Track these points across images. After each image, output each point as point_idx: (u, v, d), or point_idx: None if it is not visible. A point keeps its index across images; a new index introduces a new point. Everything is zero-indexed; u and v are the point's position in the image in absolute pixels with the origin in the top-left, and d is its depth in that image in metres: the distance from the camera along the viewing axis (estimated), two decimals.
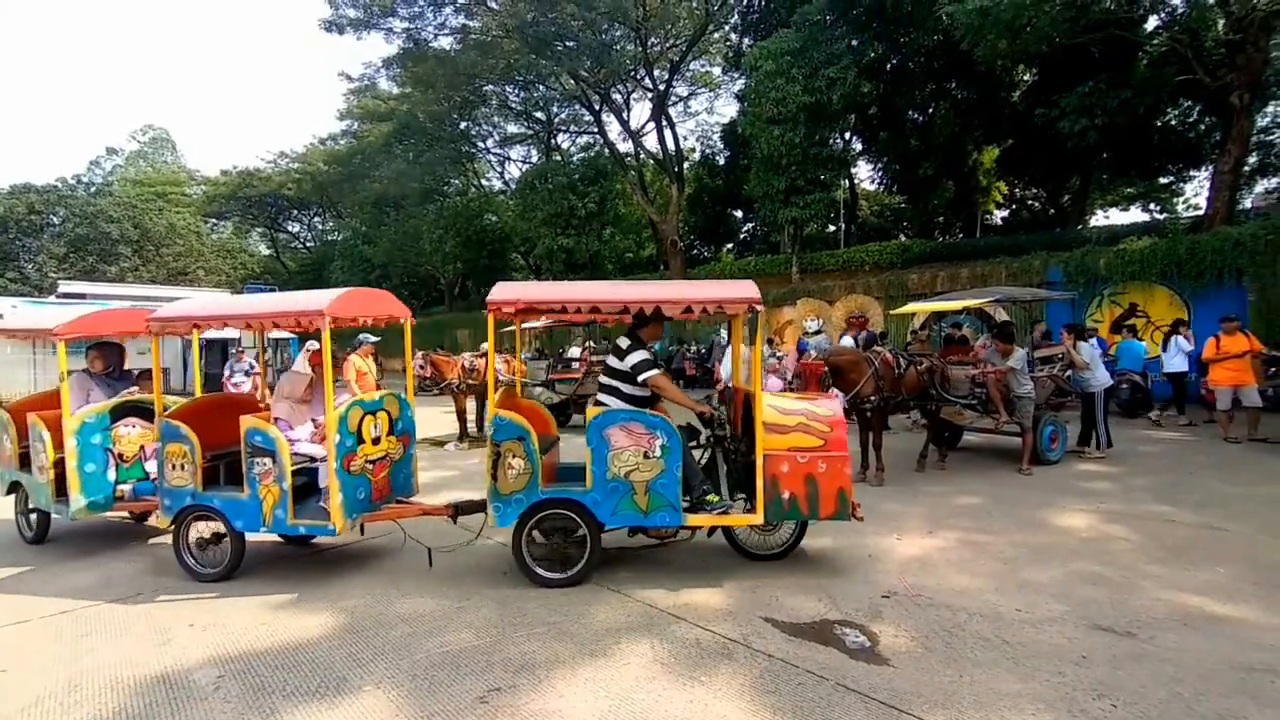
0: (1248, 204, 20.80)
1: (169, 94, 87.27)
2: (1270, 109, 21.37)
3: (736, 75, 24.85)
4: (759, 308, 3.91)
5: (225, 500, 4.19)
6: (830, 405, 4.21)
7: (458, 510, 4.45)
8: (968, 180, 23.36)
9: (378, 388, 9.09)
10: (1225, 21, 13.70)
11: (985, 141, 22.31)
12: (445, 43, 26.10)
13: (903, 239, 23.25)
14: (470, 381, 9.24)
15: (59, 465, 4.70)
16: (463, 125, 30.03)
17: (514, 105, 29.23)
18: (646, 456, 3.86)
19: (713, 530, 4.33)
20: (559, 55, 22.92)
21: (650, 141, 27.94)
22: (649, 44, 23.81)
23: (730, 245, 32.88)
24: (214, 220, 42.43)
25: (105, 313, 5.20)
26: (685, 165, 30.32)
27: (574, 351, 13.03)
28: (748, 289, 3.99)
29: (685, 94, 29.68)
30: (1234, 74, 13.35)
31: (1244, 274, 10.89)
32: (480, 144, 32.35)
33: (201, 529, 4.39)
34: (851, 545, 4.61)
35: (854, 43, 18.48)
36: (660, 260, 29.57)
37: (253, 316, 4.48)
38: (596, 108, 26.69)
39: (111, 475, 4.89)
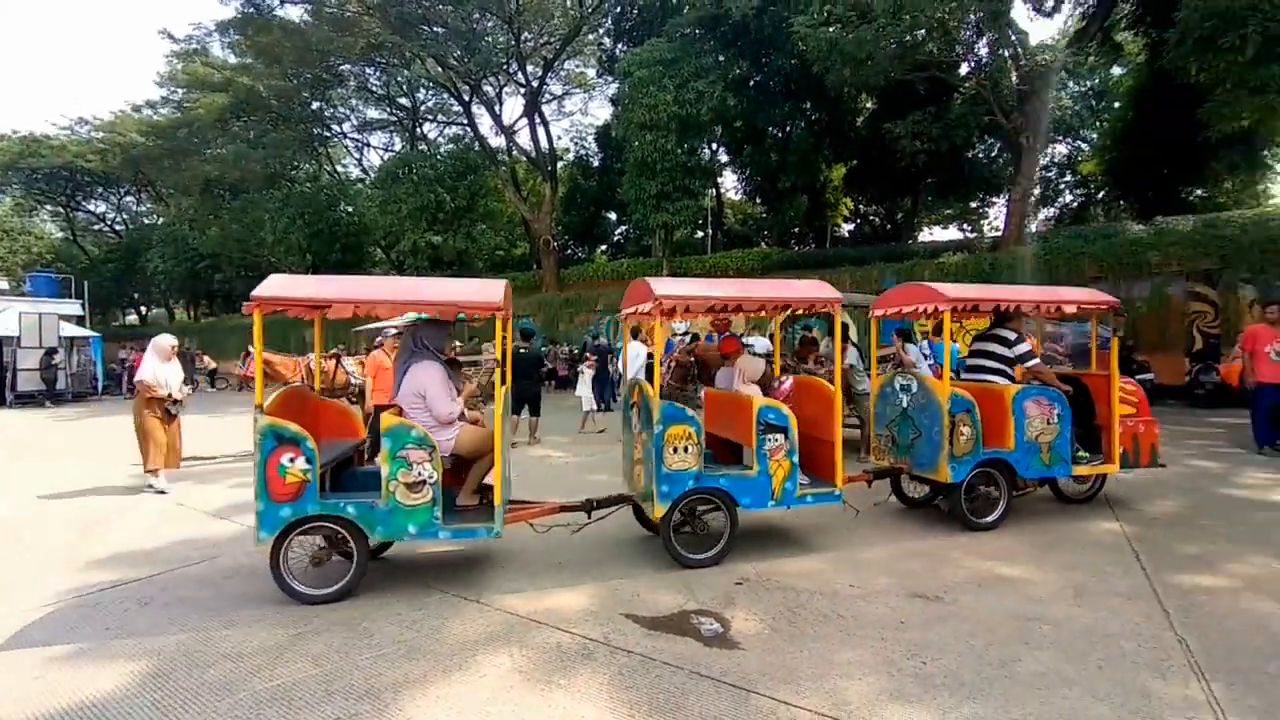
0: (1034, 228, 24.82)
1: None
2: (1051, 150, 25.67)
3: (610, 79, 25.18)
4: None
5: (732, 479, 4.22)
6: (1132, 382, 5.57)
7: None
8: (820, 195, 25.51)
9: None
10: (1016, 73, 16.20)
11: (835, 160, 24.50)
12: (294, 12, 23.78)
13: (764, 247, 24.85)
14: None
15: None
16: (315, 105, 27.52)
17: (375, 89, 27.33)
18: (1049, 423, 4.92)
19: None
20: (425, 40, 21.77)
21: (523, 138, 27.40)
22: (522, 38, 23.35)
23: (604, 247, 33.21)
24: None
25: None
26: (559, 164, 30.13)
27: None
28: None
29: (559, 92, 29.53)
30: (1023, 118, 15.82)
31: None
32: (335, 127, 29.86)
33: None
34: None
35: (721, 58, 19.47)
36: (533, 259, 29.15)
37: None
38: (467, 98, 25.70)
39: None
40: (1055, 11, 18.16)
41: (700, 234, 28.62)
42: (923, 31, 14.94)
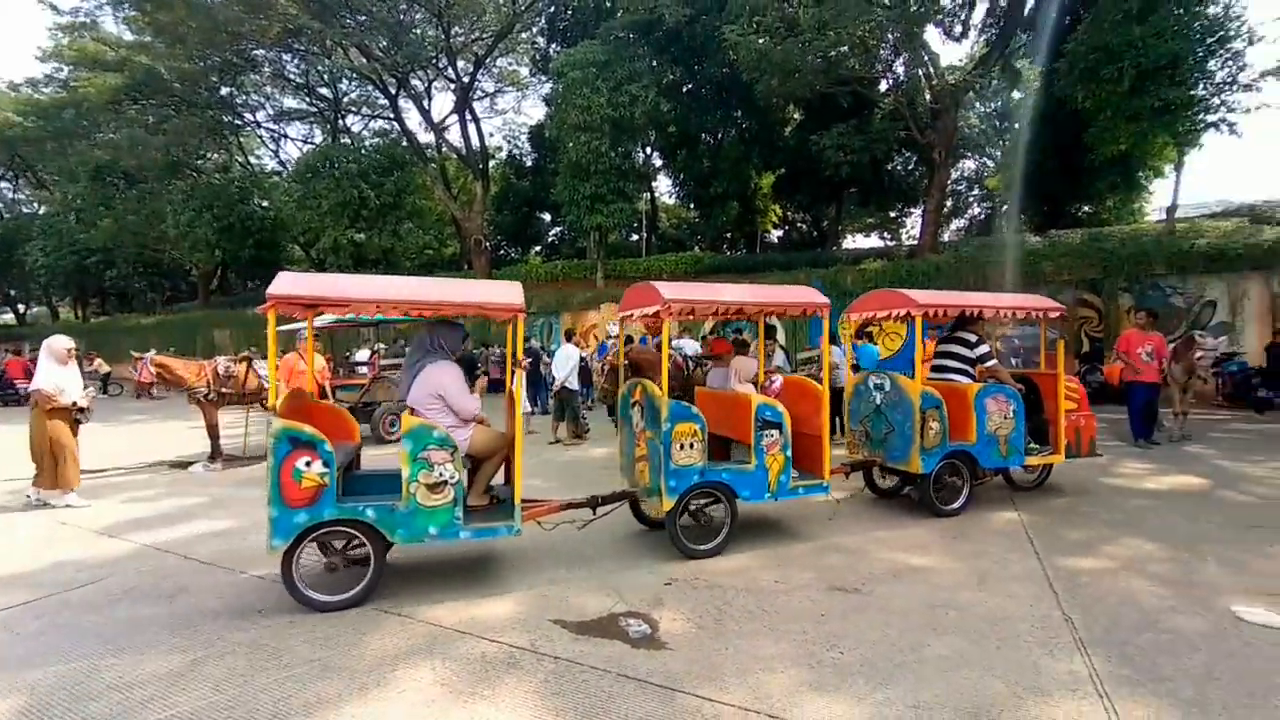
0: (946, 237, 26.49)
1: None
2: (961, 165, 27.48)
3: (544, 79, 24.95)
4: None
5: (733, 473, 4.38)
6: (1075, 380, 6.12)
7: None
8: (750, 201, 26.23)
9: (320, 385, 7.50)
10: (929, 91, 17.26)
11: (764, 168, 25.26)
12: None
13: (697, 251, 25.28)
14: (224, 390, 7.91)
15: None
16: (224, 91, 25.75)
17: (293, 76, 25.88)
18: (1005, 418, 5.38)
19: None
20: (348, 29, 20.82)
21: (454, 135, 26.66)
22: (452, 32, 22.76)
23: (538, 248, 32.83)
24: None
25: None
26: (491, 163, 29.57)
27: (362, 355, 11.88)
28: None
29: (492, 90, 28.98)
30: (935, 134, 16.87)
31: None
32: (248, 116, 28.03)
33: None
34: (640, 537, 4.84)
35: (654, 63, 19.68)
36: (464, 259, 28.43)
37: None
38: (393, 92, 24.78)
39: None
40: (963, 37, 19.50)
41: (635, 237, 28.81)
42: (846, 48, 15.67)
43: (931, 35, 18.69)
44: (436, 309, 3.81)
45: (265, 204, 27.74)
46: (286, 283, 3.63)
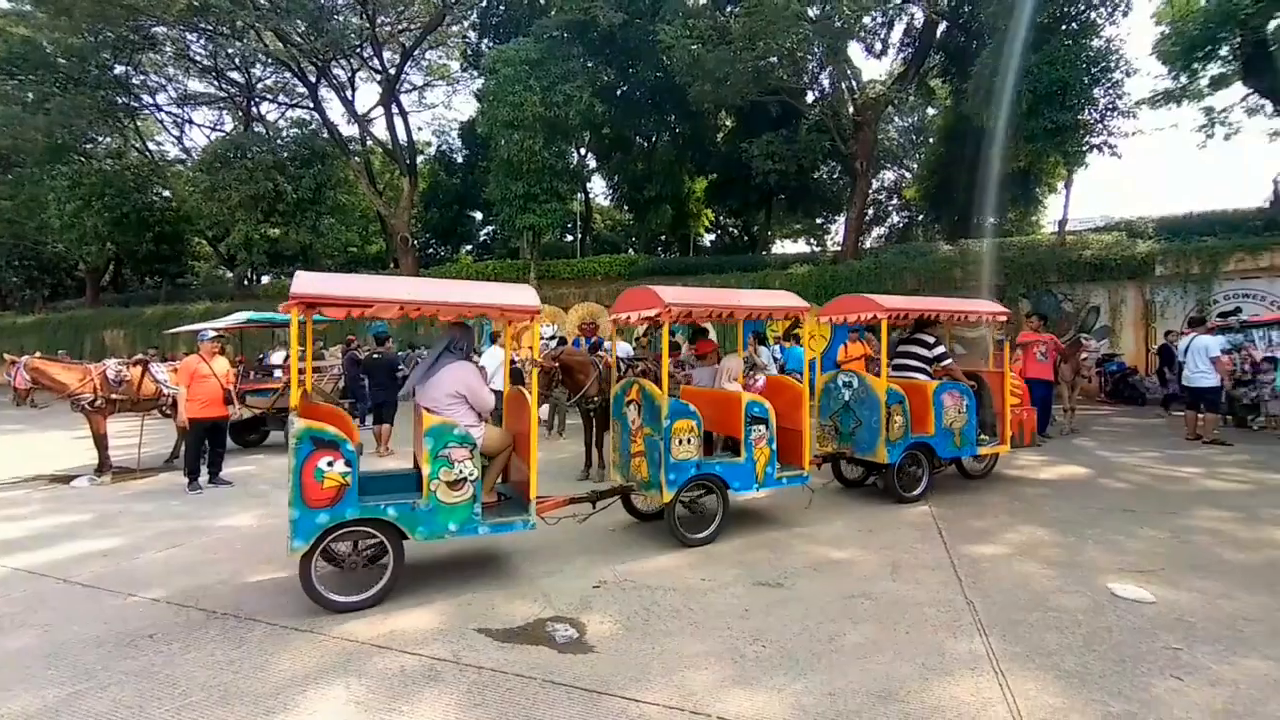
0: (868, 244, 27.82)
1: None
2: (881, 176, 28.94)
3: (475, 74, 24.36)
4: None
5: (725, 465, 4.68)
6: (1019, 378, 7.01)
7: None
8: (684, 205, 26.60)
9: (225, 389, 6.83)
10: (852, 104, 18.08)
11: (697, 172, 25.69)
12: None
13: (631, 253, 25.40)
14: (115, 396, 7.25)
15: None
16: (118, 70, 23.60)
17: (198, 57, 24.05)
18: (959, 412, 5.91)
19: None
20: (261, 10, 19.59)
21: (380, 128, 25.58)
22: (377, 21, 21.82)
23: (469, 247, 32.04)
24: None
25: None
26: (420, 159, 28.59)
27: (277, 357, 11.20)
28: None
29: (420, 83, 28.01)
30: (858, 146, 17.68)
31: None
32: (148, 98, 25.82)
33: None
34: (570, 540, 4.81)
35: (589, 64, 19.61)
36: (390, 258, 27.38)
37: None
38: (313, 80, 23.46)
39: None
40: (883, 54, 20.59)
41: (570, 238, 28.62)
42: (775, 58, 16.18)
43: (855, 51, 19.62)
44: (460, 310, 3.89)
45: (167, 194, 25.67)
46: (310, 282, 3.58)
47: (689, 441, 4.53)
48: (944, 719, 2.55)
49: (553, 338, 11.61)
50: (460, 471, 3.73)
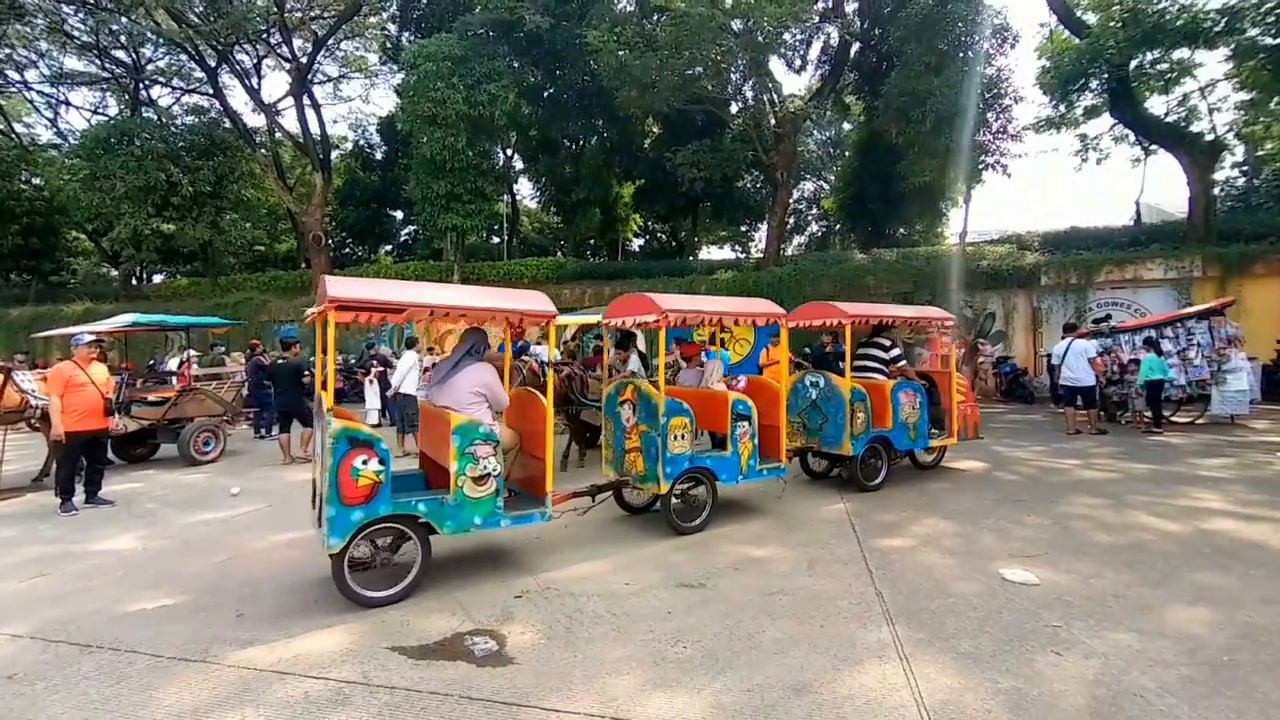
0: (790, 251, 28.92)
1: None
2: (802, 186, 30.17)
3: (395, 68, 23.45)
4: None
5: (714, 459, 5.04)
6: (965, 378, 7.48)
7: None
8: (612, 209, 26.69)
9: (105, 399, 6.14)
10: (773, 116, 18.75)
11: (625, 178, 25.84)
12: None
13: (559, 256, 25.19)
14: None
15: None
16: None
17: (77, 33, 21.81)
18: (913, 409, 6.49)
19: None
20: None
21: (290, 120, 24.15)
22: (286, 6, 20.58)
23: (389, 247, 30.77)
24: None
25: None
26: (335, 154, 27.22)
27: (173, 363, 10.31)
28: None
29: (336, 74, 26.62)
30: (779, 157, 18.36)
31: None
32: (14, 74, 23.15)
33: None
34: (491, 550, 4.69)
35: (515, 65, 19.31)
36: (302, 257, 25.86)
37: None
38: (213, 64, 21.80)
39: None
40: (803, 70, 21.52)
41: (496, 239, 28.05)
42: (700, 68, 16.54)
43: (776, 66, 20.38)
44: (486, 316, 4.20)
45: (38, 182, 23.08)
46: (345, 286, 3.74)
47: (683, 437, 4.90)
48: (853, 707, 2.67)
49: None
50: (484, 467, 3.91)
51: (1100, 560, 4.30)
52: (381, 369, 11.03)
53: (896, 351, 6.86)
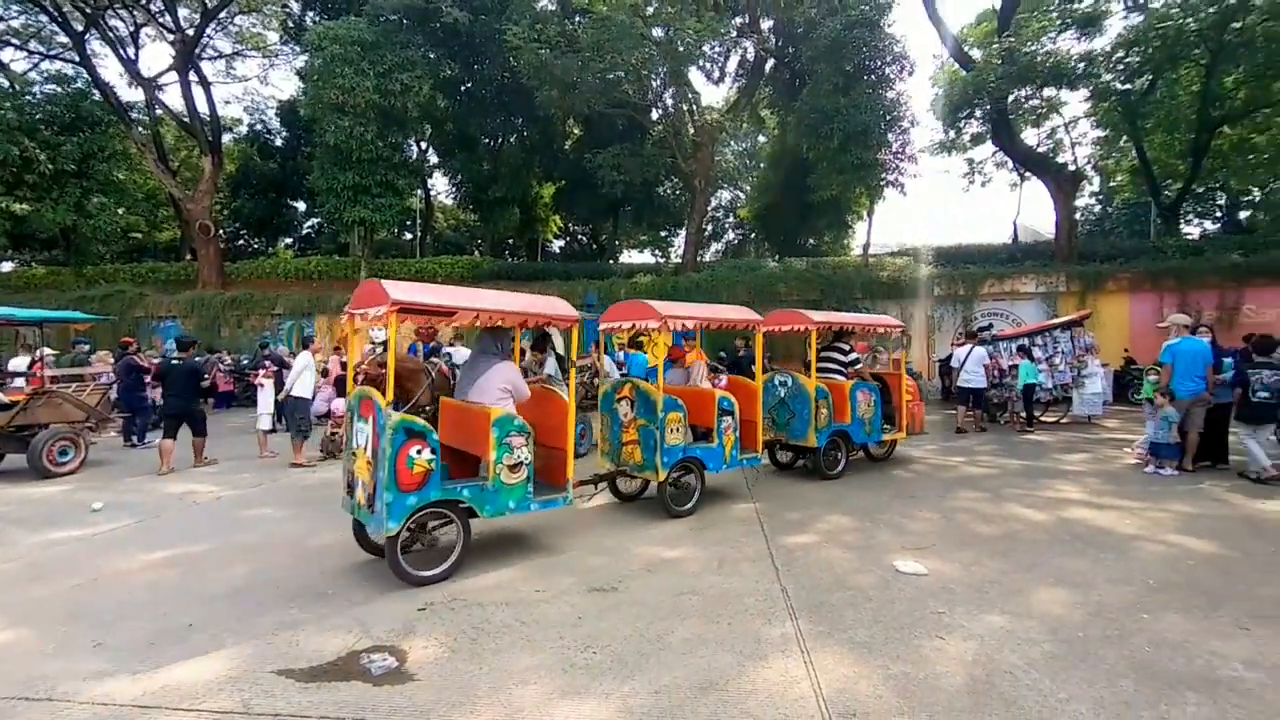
0: (708, 257, 29.65)
1: None
2: (720, 195, 31.00)
3: (298, 50, 21.97)
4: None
5: (703, 450, 5.67)
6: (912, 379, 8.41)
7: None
8: (532, 209, 26.28)
9: None
10: (692, 125, 19.17)
11: (545, 178, 25.53)
12: None
13: (476, 255, 24.51)
14: None
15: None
16: None
17: None
18: (869, 406, 7.21)
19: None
20: None
21: (174, 97, 22.00)
22: None
23: (290, 240, 28.78)
24: None
25: None
26: (228, 137, 25.15)
27: (19, 363, 9.11)
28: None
29: (229, 51, 24.59)
30: (697, 164, 18.78)
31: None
32: None
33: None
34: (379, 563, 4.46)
35: (431, 55, 18.60)
36: (187, 248, 23.66)
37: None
38: (80, 29, 19.53)
39: None
40: (721, 82, 22.13)
41: (409, 236, 26.91)
42: (621, 73, 16.63)
43: (696, 76, 20.85)
44: (519, 318, 4.47)
45: None
46: (405, 290, 4.02)
47: (678, 430, 5.42)
48: (757, 701, 2.74)
49: (383, 343, 10.73)
50: (518, 456, 4.25)
51: (980, 550, 4.68)
52: (276, 369, 10.24)
53: (854, 355, 7.54)
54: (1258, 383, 6.70)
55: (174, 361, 8.00)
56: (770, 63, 20.63)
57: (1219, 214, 25.61)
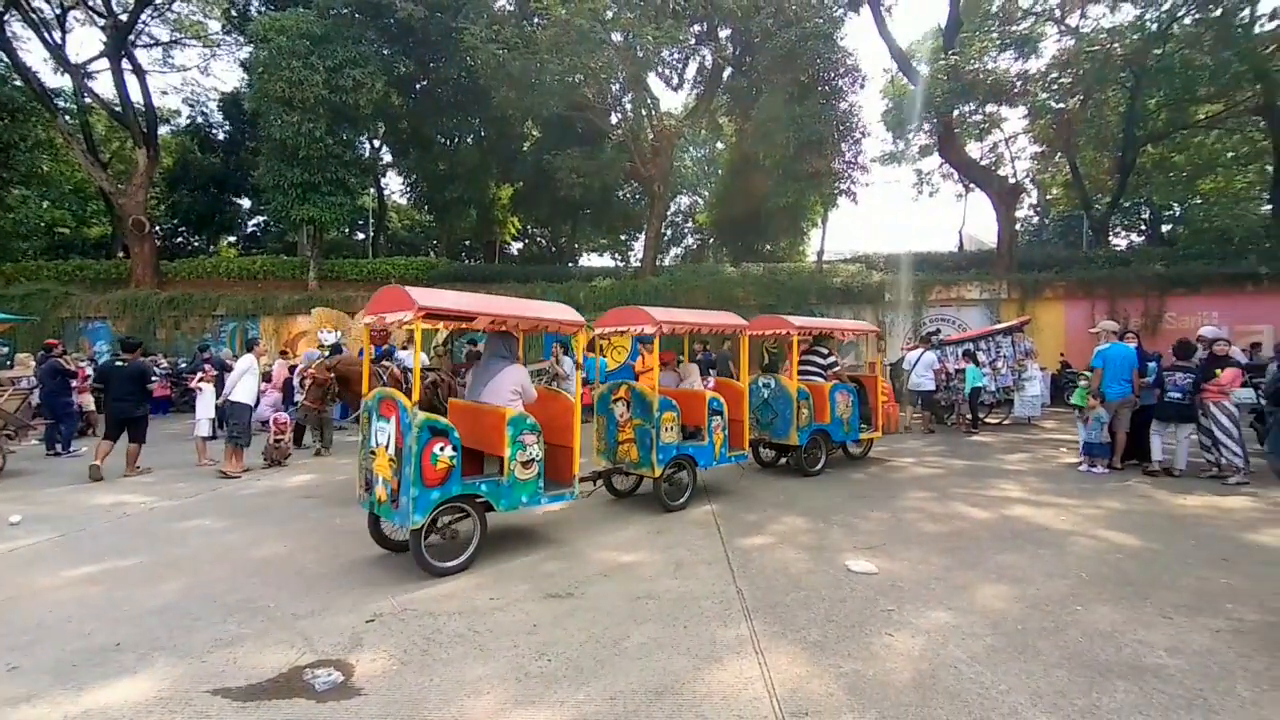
0: (667, 262, 29.82)
1: None
2: (678, 200, 31.25)
3: (243, 40, 21.13)
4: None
5: (695, 447, 5.97)
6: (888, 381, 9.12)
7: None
8: (489, 211, 25.90)
9: None
10: (651, 130, 19.27)
11: (503, 179, 25.21)
12: None
13: (432, 257, 24.00)
14: None
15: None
16: None
17: None
18: (847, 406, 7.60)
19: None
20: None
21: (105, 86, 20.81)
22: None
23: (233, 238, 27.59)
24: None
25: None
26: (165, 130, 23.97)
27: None
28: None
29: (166, 39, 23.43)
30: (656, 169, 18.88)
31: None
32: None
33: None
34: (340, 570, 4.31)
35: (384, 51, 18.16)
36: (119, 244, 22.38)
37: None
38: (1, 10, 18.29)
39: None
40: (680, 87, 22.29)
41: (361, 235, 26.16)
42: (581, 76, 16.59)
43: (655, 82, 20.95)
44: (533, 324, 4.87)
45: None
46: (429, 296, 4.22)
47: (672, 429, 5.69)
48: (711, 705, 2.75)
49: (334, 345, 10.39)
50: (531, 453, 4.47)
51: (928, 548, 4.84)
52: (216, 373, 9.77)
53: (833, 359, 7.97)
54: (1171, 384, 7.18)
55: (118, 363, 7.56)
56: (728, 71, 20.92)
57: (1144, 227, 27.31)
